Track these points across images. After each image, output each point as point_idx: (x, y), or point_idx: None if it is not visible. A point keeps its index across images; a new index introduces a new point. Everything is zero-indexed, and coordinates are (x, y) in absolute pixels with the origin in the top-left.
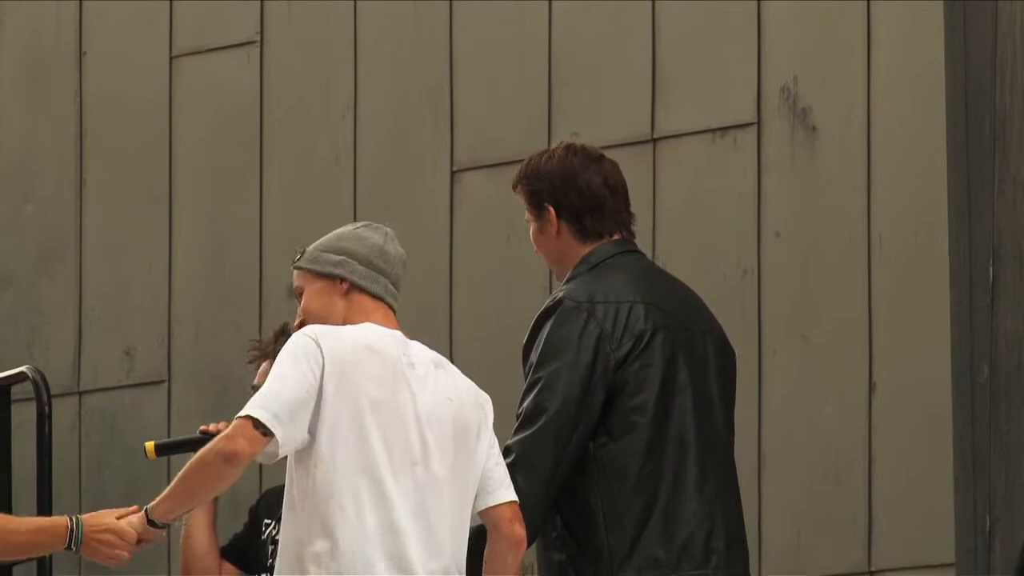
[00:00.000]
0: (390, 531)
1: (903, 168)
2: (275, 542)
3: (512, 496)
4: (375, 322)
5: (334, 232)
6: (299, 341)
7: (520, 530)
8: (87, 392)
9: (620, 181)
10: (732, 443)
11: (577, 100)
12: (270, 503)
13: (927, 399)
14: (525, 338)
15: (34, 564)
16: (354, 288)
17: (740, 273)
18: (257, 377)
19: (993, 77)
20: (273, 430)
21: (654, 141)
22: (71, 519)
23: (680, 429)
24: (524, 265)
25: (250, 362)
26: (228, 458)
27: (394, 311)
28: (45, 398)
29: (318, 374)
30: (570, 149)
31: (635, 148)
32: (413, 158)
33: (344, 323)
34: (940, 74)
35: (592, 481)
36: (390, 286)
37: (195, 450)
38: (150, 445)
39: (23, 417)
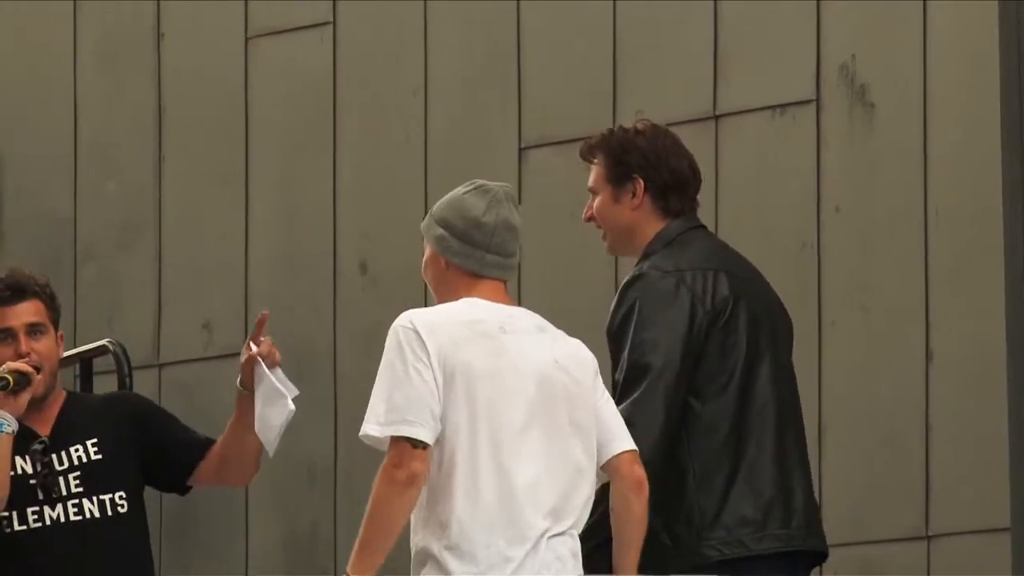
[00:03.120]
0: (511, 500)
1: (959, 143)
2: (29, 476)
3: (630, 444)
4: (477, 296)
5: (450, 194)
6: (401, 334)
7: (640, 471)
8: (166, 365)
9: (698, 169)
10: (799, 411)
11: (641, 78)
12: None
13: (982, 367)
14: (610, 314)
15: None
16: (452, 264)
17: (800, 246)
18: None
19: None
20: (427, 440)
21: (716, 118)
22: None
23: (762, 394)
24: (591, 241)
25: None
26: (409, 482)
27: (502, 279)
28: (126, 371)
29: (428, 362)
30: (657, 129)
31: (698, 124)
32: (482, 135)
33: (447, 296)
34: (995, 50)
35: (682, 442)
36: (491, 257)
37: (19, 388)
38: (11, 377)
39: (104, 389)
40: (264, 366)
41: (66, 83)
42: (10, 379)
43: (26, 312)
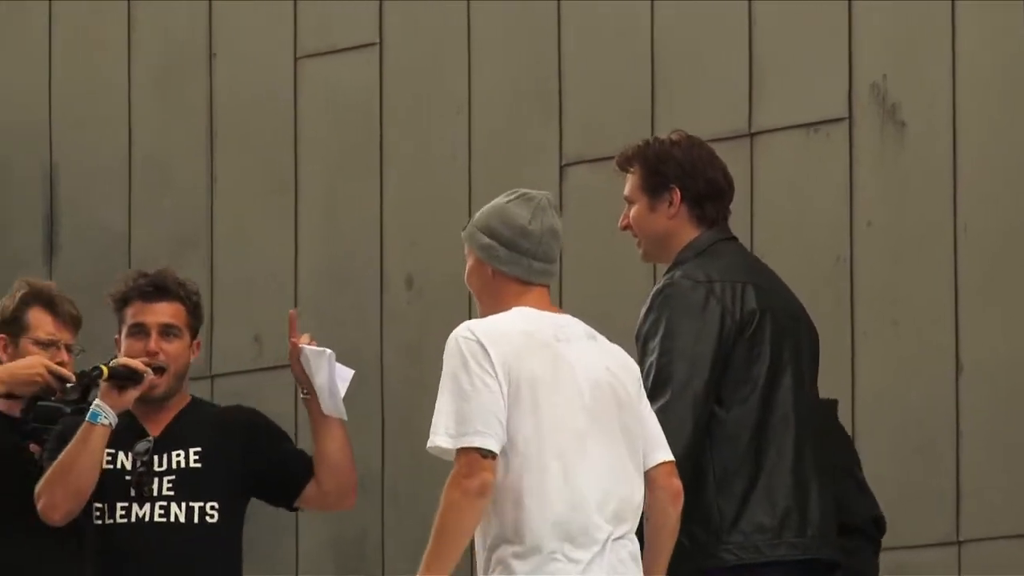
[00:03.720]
0: (578, 506)
1: (988, 160)
2: (128, 472)
3: (669, 456)
4: (527, 304)
5: (493, 203)
6: (463, 345)
7: (678, 483)
8: (219, 376)
9: (731, 179)
10: (819, 422)
11: (678, 96)
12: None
13: (1012, 378)
14: (639, 320)
15: None
16: (500, 272)
17: (833, 261)
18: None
19: None
20: (496, 450)
21: (751, 136)
22: None
23: (784, 405)
24: (631, 256)
25: (130, 288)
26: (480, 492)
27: (547, 286)
28: None
29: (492, 372)
30: (692, 140)
31: (733, 142)
32: (524, 152)
33: (496, 305)
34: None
35: (704, 447)
36: (537, 264)
37: (127, 384)
38: (106, 368)
39: None
40: (307, 348)
41: (121, 100)
42: (104, 369)
43: (163, 312)
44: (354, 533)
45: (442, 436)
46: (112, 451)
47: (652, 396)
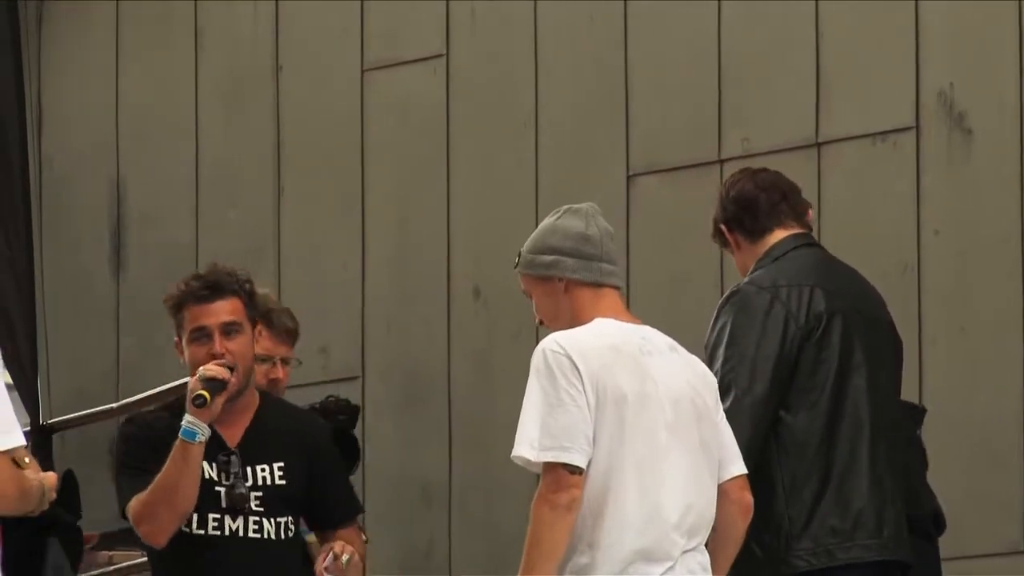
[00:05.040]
0: (657, 522)
1: None
2: (215, 482)
3: (743, 469)
4: (605, 313)
5: (540, 227)
6: (551, 359)
7: (749, 497)
8: (287, 388)
9: (772, 181)
10: (899, 420)
11: (745, 107)
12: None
13: None
14: (709, 329)
15: None
16: (572, 283)
17: (901, 269)
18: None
19: None
20: (583, 466)
21: (818, 145)
22: None
23: (855, 409)
24: (697, 264)
25: (186, 290)
26: (569, 507)
27: (619, 288)
28: None
29: (580, 387)
30: (734, 176)
31: (800, 152)
32: (591, 163)
33: (574, 320)
34: None
35: (772, 454)
36: (605, 266)
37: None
38: (207, 393)
39: None
40: None
41: (188, 114)
42: (207, 396)
43: (222, 310)
44: (421, 543)
45: (526, 447)
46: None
47: None
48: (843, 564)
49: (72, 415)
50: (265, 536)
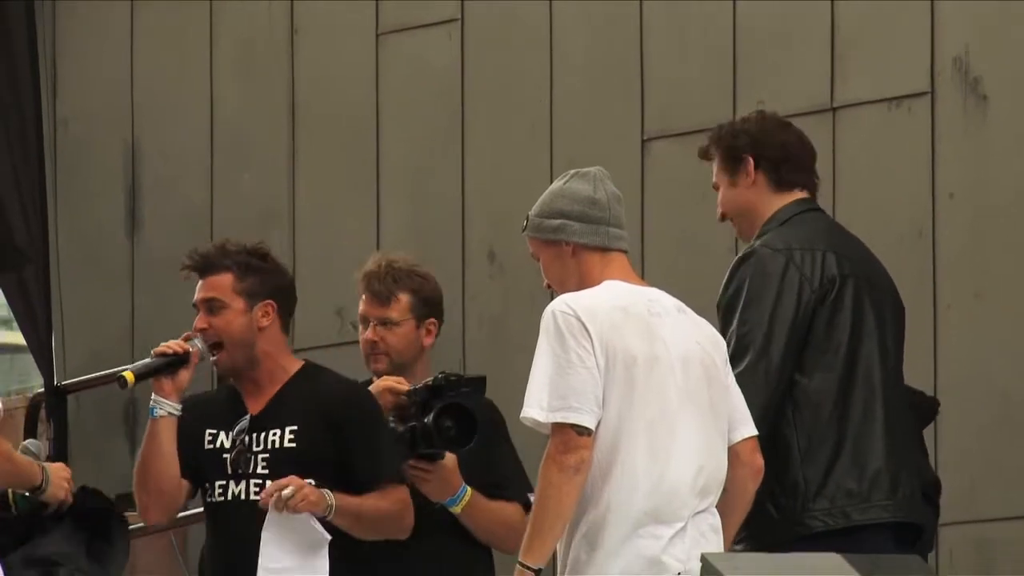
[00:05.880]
0: (667, 483)
1: None
2: (226, 450)
3: (754, 431)
4: (613, 276)
5: (548, 191)
6: (561, 320)
7: (760, 460)
8: (302, 350)
9: (810, 143)
10: (905, 393)
11: (761, 71)
12: (205, 412)
13: None
14: (721, 290)
15: None
16: (579, 247)
17: (916, 234)
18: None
19: None
20: (592, 427)
21: (833, 110)
22: None
23: (867, 371)
24: (712, 229)
25: (181, 269)
26: (578, 469)
27: (626, 252)
28: None
29: (590, 348)
30: (763, 114)
31: (816, 116)
32: (605, 127)
33: (582, 284)
34: None
35: (787, 416)
36: (613, 230)
37: (166, 372)
38: (129, 374)
39: None
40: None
41: (203, 79)
42: (127, 377)
43: (207, 287)
44: None
45: (535, 408)
46: (214, 431)
47: (731, 364)
48: (859, 525)
49: (87, 376)
50: None
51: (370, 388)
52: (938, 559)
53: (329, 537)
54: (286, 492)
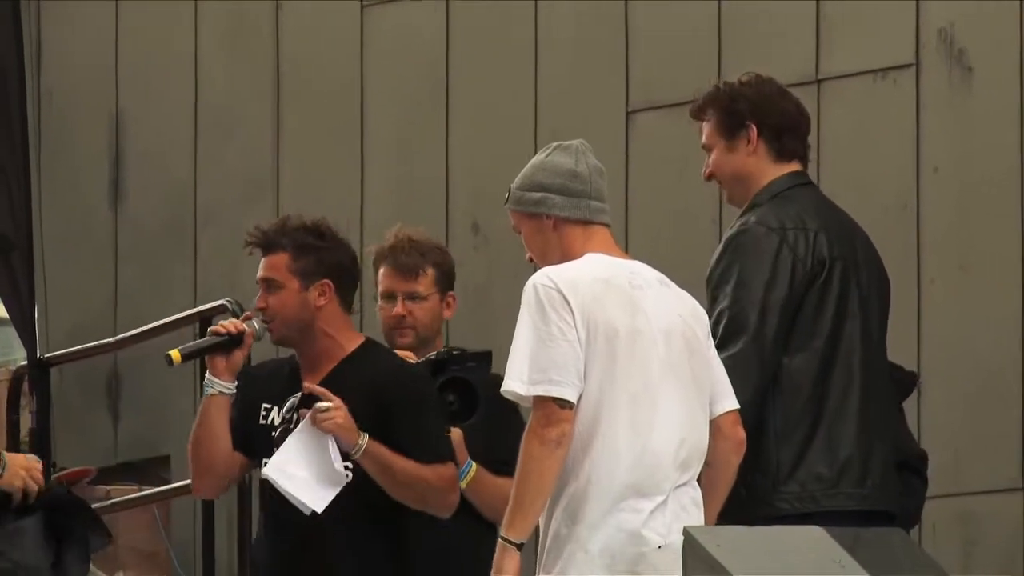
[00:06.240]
0: (649, 456)
1: None
2: (275, 427)
3: (735, 404)
4: (595, 250)
5: (529, 164)
6: (542, 293)
7: (742, 433)
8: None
9: (806, 112)
10: (887, 372)
11: (745, 43)
12: (265, 387)
13: None
14: (712, 264)
15: None
16: (560, 220)
17: (900, 207)
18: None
19: None
20: (573, 400)
21: (818, 82)
22: None
23: (848, 356)
24: (697, 200)
25: (245, 245)
26: (559, 442)
27: (608, 225)
28: None
29: (571, 321)
30: (761, 78)
31: (801, 88)
32: (590, 99)
33: (564, 257)
34: None
35: (766, 397)
36: (594, 203)
37: (219, 351)
38: (175, 353)
39: None
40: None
41: (187, 50)
42: (172, 356)
43: (264, 267)
44: None
45: (516, 381)
46: (268, 406)
47: (722, 343)
48: (826, 511)
49: (70, 349)
50: None
51: None
52: (921, 533)
53: (346, 477)
54: (321, 405)
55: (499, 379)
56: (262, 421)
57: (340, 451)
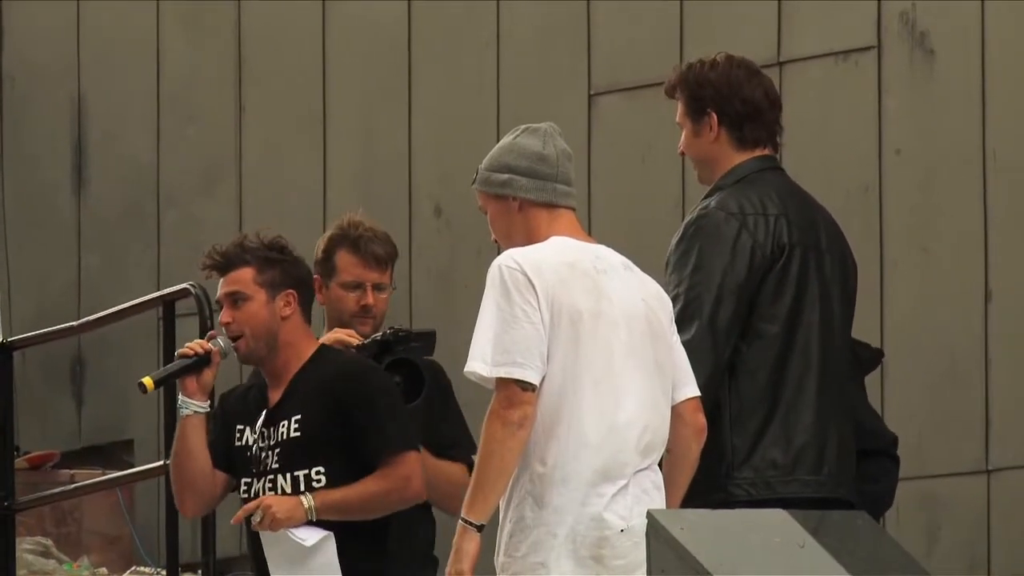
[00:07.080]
0: (612, 440)
1: (1017, 87)
2: (249, 447)
3: (696, 391)
4: (560, 233)
5: (497, 145)
6: (507, 274)
7: (702, 419)
8: None
9: (776, 95)
10: (849, 358)
11: (707, 26)
12: (238, 408)
13: None
14: (671, 247)
15: None
16: (526, 203)
17: (862, 189)
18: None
19: None
20: (536, 382)
21: (780, 64)
22: None
23: (806, 343)
24: (659, 184)
25: (203, 268)
26: (521, 424)
27: (574, 209)
28: (207, 313)
29: (535, 304)
30: (731, 60)
31: (763, 70)
32: (552, 83)
33: (529, 239)
34: None
35: (723, 382)
36: (560, 187)
37: (189, 373)
38: (148, 380)
39: (187, 331)
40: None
41: (149, 33)
42: (145, 383)
43: (228, 283)
44: None
45: (479, 362)
46: (241, 427)
47: (678, 328)
48: (781, 497)
49: (33, 333)
50: (279, 492)
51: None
52: (884, 516)
53: (326, 533)
54: (254, 518)
55: (438, 366)
56: (237, 443)
57: (302, 522)
